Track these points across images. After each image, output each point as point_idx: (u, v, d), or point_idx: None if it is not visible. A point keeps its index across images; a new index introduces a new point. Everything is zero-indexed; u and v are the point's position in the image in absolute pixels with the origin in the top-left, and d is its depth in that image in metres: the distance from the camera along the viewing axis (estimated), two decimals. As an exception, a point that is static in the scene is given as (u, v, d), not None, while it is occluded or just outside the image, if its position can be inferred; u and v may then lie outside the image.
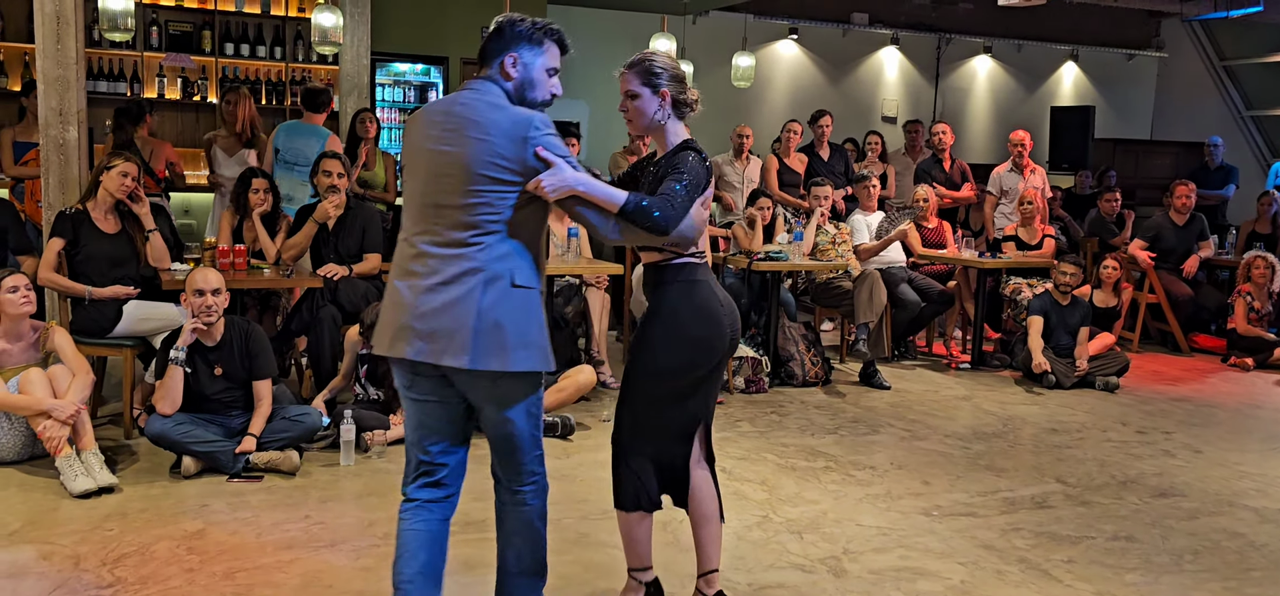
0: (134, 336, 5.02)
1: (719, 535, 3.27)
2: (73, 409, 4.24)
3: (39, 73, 5.30)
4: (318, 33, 6.82)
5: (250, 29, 9.44)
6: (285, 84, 9.52)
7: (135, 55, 9.03)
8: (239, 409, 4.56)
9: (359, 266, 5.60)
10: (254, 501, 4.15)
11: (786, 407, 6.06)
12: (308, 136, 6.88)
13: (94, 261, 4.98)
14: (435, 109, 2.76)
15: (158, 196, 6.79)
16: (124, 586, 3.33)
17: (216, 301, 4.42)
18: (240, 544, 3.72)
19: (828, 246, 7.07)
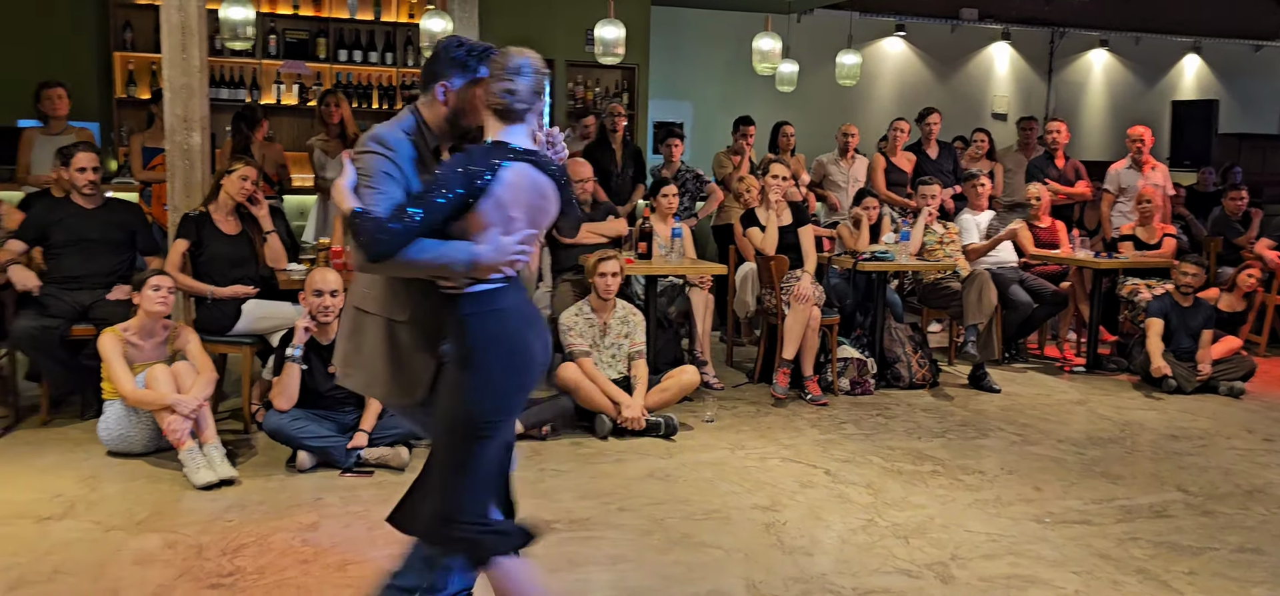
0: (252, 334, 5.20)
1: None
2: (196, 404, 4.41)
3: (165, 81, 5.53)
4: (426, 38, 6.97)
5: (362, 35, 9.69)
6: (396, 89, 9.74)
7: (254, 63, 9.36)
8: (351, 406, 4.69)
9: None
10: (365, 496, 4.26)
11: (892, 410, 5.94)
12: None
13: (216, 262, 5.18)
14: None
15: (274, 199, 7.03)
16: (243, 576, 3.45)
17: (333, 302, 4.55)
18: (352, 537, 3.82)
19: (935, 246, 6.92)
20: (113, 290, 5.17)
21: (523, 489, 4.38)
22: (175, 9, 5.44)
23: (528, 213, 2.61)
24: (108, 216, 5.34)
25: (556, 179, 2.67)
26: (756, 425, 5.54)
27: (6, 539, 3.70)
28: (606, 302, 5.40)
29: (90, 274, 5.18)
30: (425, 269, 2.52)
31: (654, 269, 6.09)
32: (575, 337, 5.34)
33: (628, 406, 5.16)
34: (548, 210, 2.68)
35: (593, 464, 4.80)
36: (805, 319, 5.98)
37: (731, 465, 4.84)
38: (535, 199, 2.63)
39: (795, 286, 6.06)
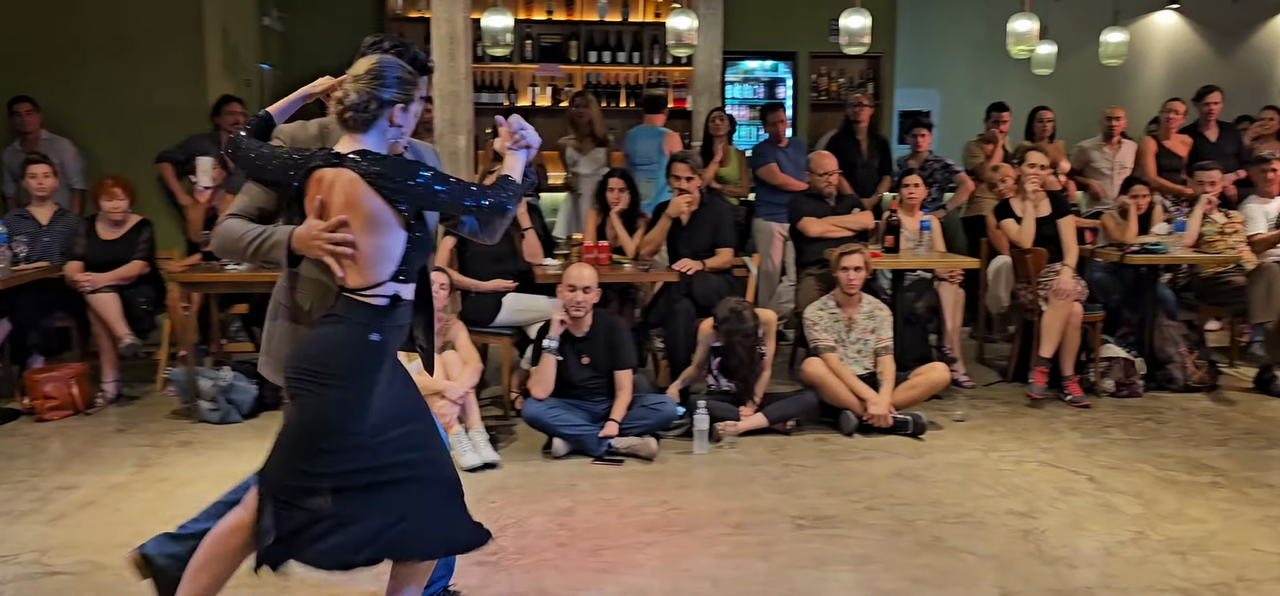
0: (512, 326, 5.49)
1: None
2: (463, 391, 4.71)
3: (435, 88, 5.94)
4: (673, 36, 7.09)
5: (611, 37, 10.00)
6: (643, 86, 9.99)
7: (512, 68, 9.86)
8: (602, 395, 4.86)
9: (711, 261, 5.78)
10: (616, 484, 4.41)
11: (1164, 414, 5.52)
12: (647, 138, 7.30)
13: (478, 258, 5.51)
14: None
15: (531, 196, 7.38)
16: (505, 555, 3.66)
17: (587, 298, 4.74)
18: (604, 523, 3.96)
19: (1215, 237, 6.35)
20: (389, 284, 5.59)
21: (766, 482, 4.42)
22: (444, 20, 5.82)
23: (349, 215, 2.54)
24: (384, 216, 5.77)
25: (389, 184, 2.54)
26: (1011, 426, 5.30)
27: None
28: (851, 297, 5.32)
29: (370, 269, 5.61)
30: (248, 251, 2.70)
31: (901, 263, 5.95)
32: (820, 332, 5.29)
33: (874, 403, 5.07)
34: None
35: (838, 460, 4.75)
36: (1065, 315, 5.66)
37: (984, 467, 4.65)
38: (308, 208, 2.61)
39: (1054, 281, 5.74)
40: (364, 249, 2.52)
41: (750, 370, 5.10)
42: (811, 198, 6.34)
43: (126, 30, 7.22)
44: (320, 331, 2.60)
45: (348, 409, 2.55)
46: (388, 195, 2.51)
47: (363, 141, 2.57)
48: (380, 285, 2.55)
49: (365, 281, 2.55)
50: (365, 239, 2.52)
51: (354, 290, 2.55)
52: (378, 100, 2.55)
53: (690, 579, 3.48)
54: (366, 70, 2.57)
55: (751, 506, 4.14)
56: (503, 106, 9.80)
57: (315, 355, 2.56)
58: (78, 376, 5.44)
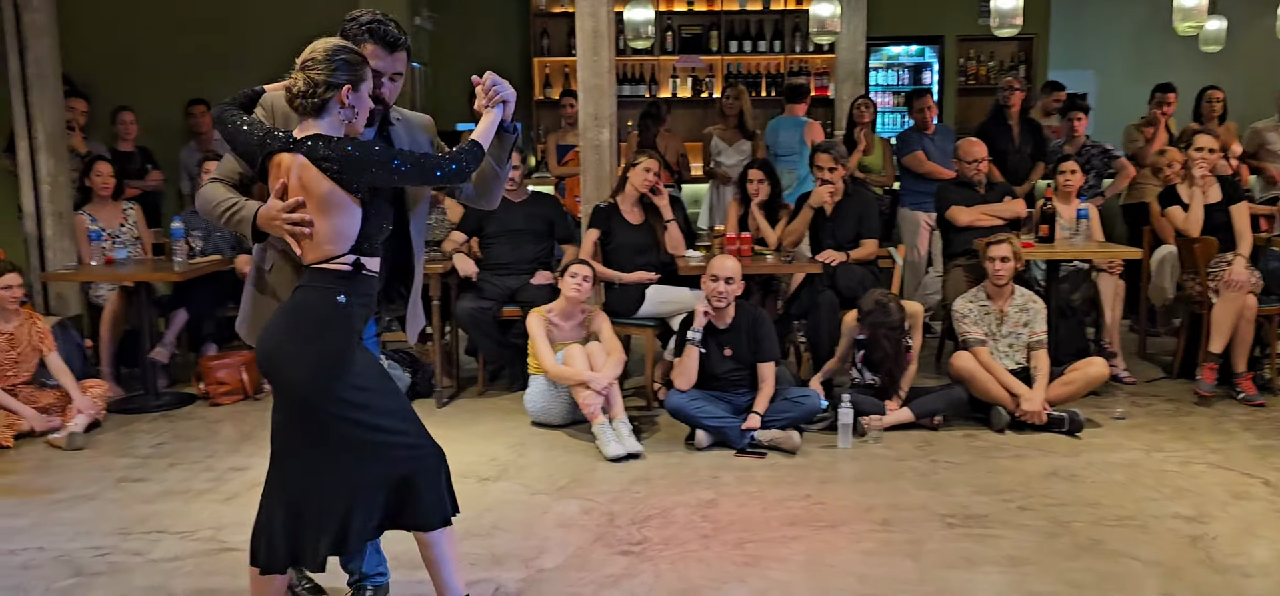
0: (654, 317, 5.53)
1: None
2: (607, 381, 4.77)
3: (579, 83, 6.02)
4: (815, 23, 7.00)
5: (752, 25, 9.94)
6: (784, 75, 9.90)
7: (653, 60, 9.91)
8: (745, 387, 4.85)
9: (856, 252, 5.68)
10: (759, 476, 4.39)
11: (1351, 415, 5.15)
12: (789, 128, 7.24)
13: (622, 250, 5.57)
14: None
15: (672, 188, 7.42)
16: (650, 545, 3.69)
17: (729, 289, 4.73)
18: (748, 516, 3.95)
19: None
20: (535, 275, 5.72)
21: (913, 478, 4.32)
22: (588, 15, 5.89)
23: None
24: (531, 209, 5.90)
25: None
26: (1176, 425, 5.04)
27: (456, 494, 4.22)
28: (1002, 289, 5.14)
29: (517, 261, 5.75)
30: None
31: (1056, 253, 5.72)
32: (969, 325, 5.14)
33: (1027, 399, 4.89)
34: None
35: (989, 457, 4.61)
36: (1238, 308, 5.33)
37: (1147, 468, 4.43)
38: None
39: (1226, 271, 5.42)
40: (320, 228, 2.64)
41: (896, 363, 4.99)
42: (960, 185, 6.15)
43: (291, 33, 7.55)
44: (291, 302, 2.73)
45: (325, 363, 2.67)
46: (338, 178, 2.59)
47: (319, 125, 2.64)
48: (341, 256, 2.67)
49: (323, 257, 2.67)
50: (320, 219, 2.63)
51: (317, 263, 2.68)
52: (326, 84, 2.61)
53: (836, 575, 3.44)
54: (313, 57, 2.63)
55: (898, 502, 4.06)
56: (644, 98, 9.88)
57: (287, 323, 2.70)
58: (247, 363, 5.75)
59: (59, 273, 6.08)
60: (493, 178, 2.99)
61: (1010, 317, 5.15)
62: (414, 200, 2.97)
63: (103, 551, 3.69)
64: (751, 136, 7.42)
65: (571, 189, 7.45)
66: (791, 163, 7.13)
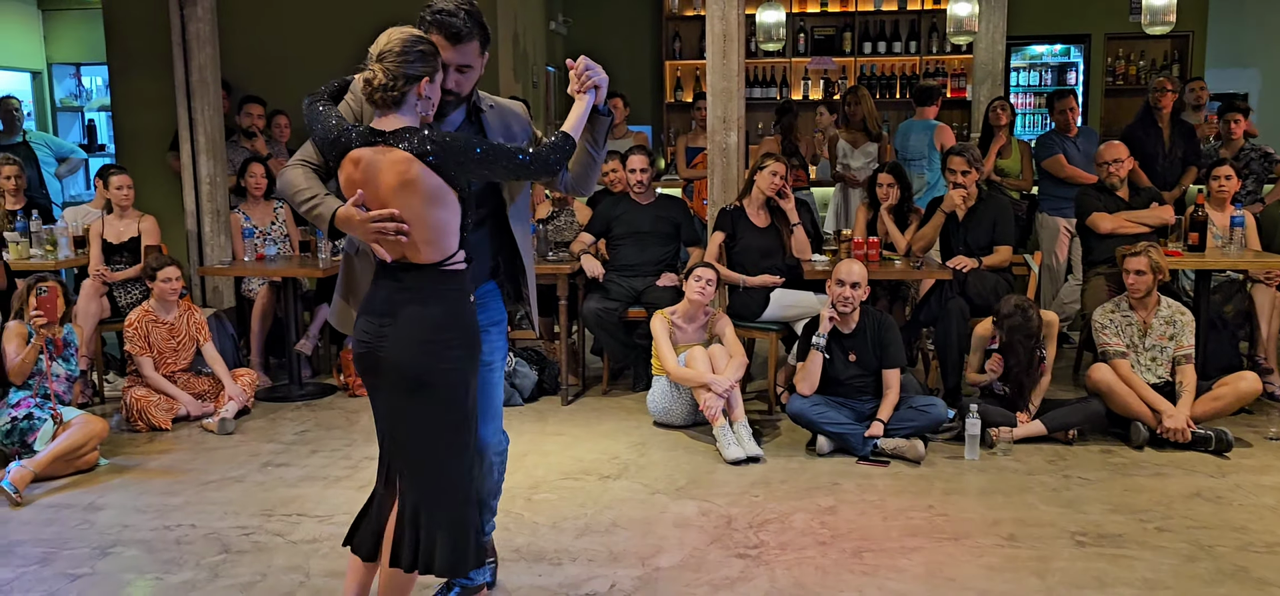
0: (778, 321, 5.50)
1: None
2: (729, 384, 4.78)
3: (708, 85, 6.04)
4: (953, 23, 6.85)
5: (886, 26, 9.77)
6: (919, 77, 9.70)
7: (784, 62, 9.85)
8: (869, 394, 4.78)
9: (989, 258, 5.52)
10: (880, 485, 4.32)
11: None
12: (919, 132, 7.09)
13: (748, 253, 5.56)
14: None
15: (803, 191, 7.37)
16: (766, 549, 3.69)
17: (855, 294, 4.68)
18: (867, 525, 3.90)
19: None
20: (661, 277, 5.76)
21: (1043, 493, 4.18)
22: (718, 18, 5.90)
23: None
24: (658, 211, 5.95)
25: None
26: (1338, 448, 4.73)
27: (577, 490, 4.31)
28: (1145, 300, 4.91)
29: (643, 262, 5.82)
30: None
31: (1206, 263, 5.43)
32: (1109, 337, 4.93)
33: (1170, 415, 4.67)
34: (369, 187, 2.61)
35: (1126, 475, 4.42)
36: None
37: (1303, 493, 4.18)
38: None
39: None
40: (430, 224, 2.59)
41: (1027, 373, 4.83)
42: (1102, 190, 5.91)
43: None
44: (425, 312, 2.65)
45: (472, 366, 2.73)
46: (440, 170, 2.56)
47: (401, 118, 2.60)
48: (454, 255, 2.65)
49: (442, 255, 2.64)
50: (430, 213, 2.58)
51: (435, 264, 2.64)
52: (405, 77, 2.57)
53: (956, 590, 3.36)
54: (389, 48, 2.57)
55: (1026, 518, 3.93)
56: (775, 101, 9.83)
57: (437, 336, 2.64)
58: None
59: (215, 267, 6.44)
60: (589, 163, 2.97)
61: (1154, 330, 4.92)
62: (512, 193, 2.98)
63: (248, 531, 3.90)
64: (877, 138, 7.32)
65: (699, 191, 7.47)
66: (921, 167, 7.00)
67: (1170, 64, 9.46)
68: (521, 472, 4.50)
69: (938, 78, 9.54)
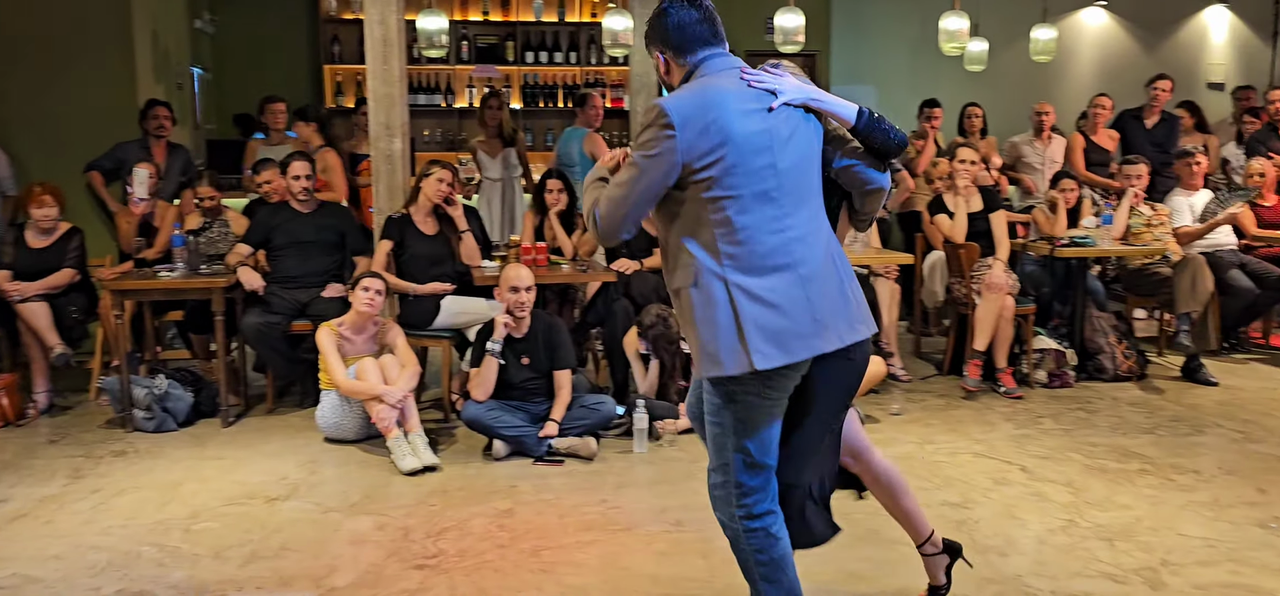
0: (450, 328, 5.47)
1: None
2: (402, 395, 4.69)
3: (369, 91, 5.88)
4: (609, 36, 7.10)
5: (547, 37, 9.98)
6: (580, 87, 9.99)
7: (449, 69, 9.79)
8: (541, 396, 4.86)
9: (649, 260, 5.80)
10: (556, 484, 4.41)
11: (1095, 404, 5.66)
12: (576, 139, 7.38)
13: (416, 261, 5.47)
14: (743, 86, 2.53)
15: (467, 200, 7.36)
16: (446, 557, 3.65)
17: (527, 298, 4.74)
18: (544, 524, 3.96)
19: (1142, 229, 6.53)
20: (327, 288, 5.54)
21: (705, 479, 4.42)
22: (377, 22, 5.77)
23: None
24: (321, 220, 5.72)
25: None
26: (946, 419, 5.40)
27: (242, 516, 4.05)
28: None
29: (306, 273, 5.57)
30: (888, 196, 2.77)
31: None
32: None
33: (813, 398, 5.12)
34: None
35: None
36: (998, 308, 5.77)
37: (920, 459, 4.73)
38: None
39: (986, 275, 5.86)
40: None
41: (675, 374, 5.16)
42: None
43: (55, 33, 7.07)
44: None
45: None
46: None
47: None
48: None
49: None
50: None
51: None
52: None
53: (630, 577, 3.50)
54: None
55: (691, 504, 4.16)
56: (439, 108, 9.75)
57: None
58: (7, 387, 5.32)
59: None
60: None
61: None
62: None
63: None
64: (513, 143, 7.52)
65: (364, 200, 7.27)
66: (576, 174, 7.25)
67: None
68: (177, 502, 4.17)
69: (597, 88, 9.87)
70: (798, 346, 2.48)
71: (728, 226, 2.47)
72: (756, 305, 2.47)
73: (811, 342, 2.50)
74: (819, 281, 2.53)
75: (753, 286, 2.47)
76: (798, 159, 2.54)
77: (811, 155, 2.59)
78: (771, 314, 2.47)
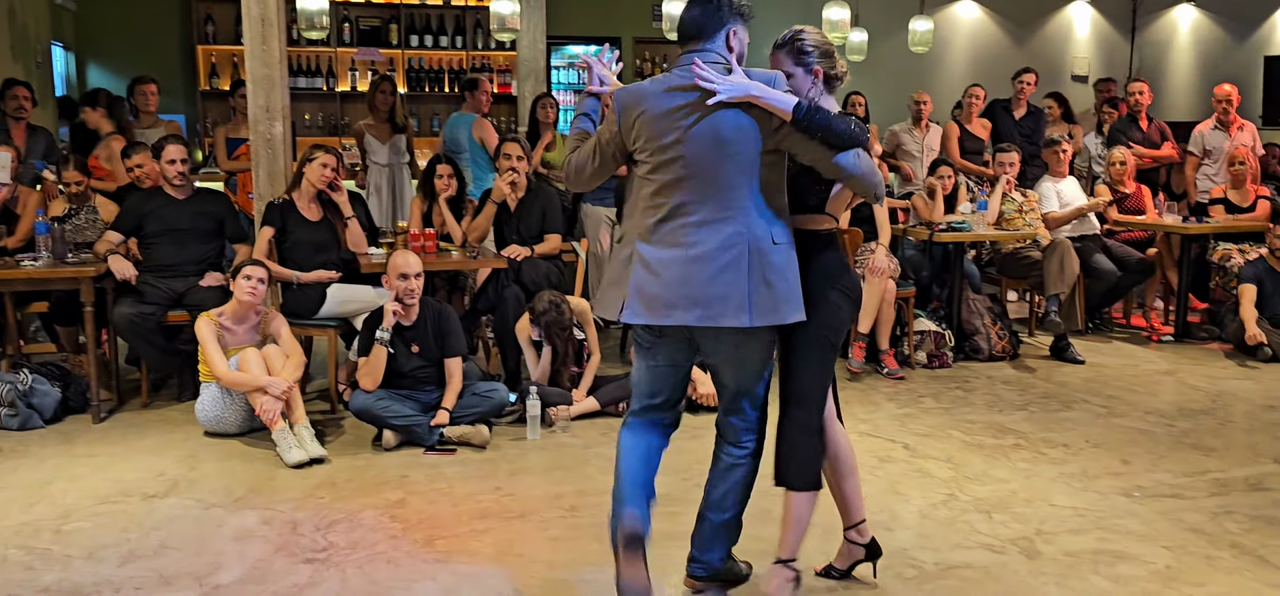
0: (337, 317, 5.34)
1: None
2: (286, 385, 4.56)
3: (247, 73, 5.68)
4: (496, 21, 7.03)
5: (433, 20, 9.82)
6: (466, 71, 9.87)
7: (330, 51, 9.55)
8: (432, 385, 4.79)
9: (540, 247, 5.77)
10: (449, 473, 4.36)
11: (972, 383, 5.88)
12: (464, 125, 7.31)
13: (300, 248, 5.33)
14: (671, 85, 2.83)
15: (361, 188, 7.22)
16: (336, 550, 3.57)
17: (417, 284, 4.66)
18: (438, 513, 3.92)
19: (1014, 215, 6.80)
20: (205, 277, 5.35)
21: (599, 464, 4.46)
22: (255, 1, 5.57)
23: None
24: (197, 206, 5.52)
25: None
26: (833, 399, 5.52)
27: (117, 515, 3.88)
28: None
29: (182, 262, 5.36)
30: (860, 179, 2.81)
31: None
32: (651, 315, 5.37)
33: (702, 382, 5.19)
34: None
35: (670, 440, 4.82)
36: (880, 292, 5.94)
37: (809, 439, 4.83)
38: None
39: (869, 259, 6.02)
40: None
41: (568, 360, 5.16)
42: (639, 181, 6.40)
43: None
44: (831, 255, 3.01)
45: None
46: None
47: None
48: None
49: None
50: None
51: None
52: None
53: (525, 564, 3.48)
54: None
55: (585, 489, 4.17)
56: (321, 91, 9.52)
57: (837, 270, 3.00)
58: None
59: None
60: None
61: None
62: None
63: None
64: (403, 130, 7.42)
65: (243, 185, 7.04)
66: (466, 160, 7.17)
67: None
68: (46, 503, 3.97)
69: (484, 73, 9.77)
70: (663, 314, 2.84)
71: (648, 200, 2.86)
72: (643, 271, 2.86)
73: (675, 314, 2.82)
74: (709, 264, 2.79)
75: (647, 255, 2.85)
76: (707, 149, 2.76)
77: (727, 148, 2.77)
78: (652, 281, 2.84)
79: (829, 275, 3.01)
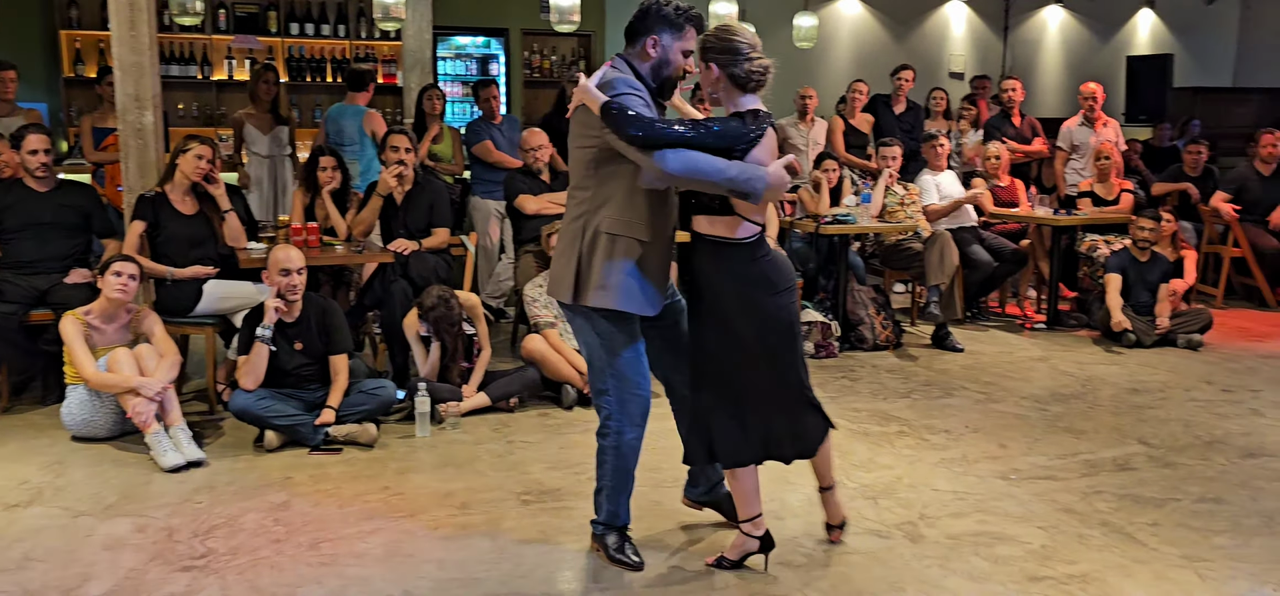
0: (215, 314, 5.14)
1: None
2: (160, 386, 4.36)
3: (115, 59, 5.41)
4: (380, 9, 6.87)
5: (314, 8, 9.55)
6: (349, 61, 9.63)
7: (205, 39, 9.20)
8: (317, 383, 4.66)
9: (428, 240, 5.66)
10: (335, 473, 4.25)
11: (857, 372, 6.01)
12: (351, 117, 7.16)
13: (174, 242, 5.11)
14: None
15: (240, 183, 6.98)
16: (216, 556, 3.43)
17: (300, 280, 4.52)
18: (324, 515, 3.81)
19: (897, 208, 6.98)
20: (70, 273, 5.09)
21: (490, 460, 4.40)
22: (124, -16, 5.32)
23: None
24: (61, 199, 5.25)
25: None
26: (724, 390, 5.57)
27: (-29, 529, 3.65)
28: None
29: (46, 258, 5.09)
30: (723, 185, 2.96)
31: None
32: (540, 309, 5.33)
33: (595, 376, 5.17)
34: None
35: (561, 434, 4.81)
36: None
37: (700, 431, 4.86)
38: (771, 156, 3.11)
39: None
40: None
41: (458, 356, 5.08)
42: (526, 175, 6.35)
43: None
44: (771, 257, 3.23)
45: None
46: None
47: (751, 100, 3.14)
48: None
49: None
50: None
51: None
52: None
53: (415, 563, 3.41)
54: (756, 42, 3.13)
55: (476, 486, 4.12)
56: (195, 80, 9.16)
57: (771, 275, 3.19)
58: None
59: None
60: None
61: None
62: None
63: None
64: (285, 121, 7.23)
65: (112, 177, 6.72)
66: (354, 153, 7.00)
67: (578, 60, 10.43)
68: (-107, 517, 3.72)
69: (369, 62, 9.55)
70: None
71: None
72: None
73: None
74: (561, 247, 3.24)
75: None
76: (572, 147, 3.17)
77: (578, 148, 3.14)
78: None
79: (740, 281, 3.23)
